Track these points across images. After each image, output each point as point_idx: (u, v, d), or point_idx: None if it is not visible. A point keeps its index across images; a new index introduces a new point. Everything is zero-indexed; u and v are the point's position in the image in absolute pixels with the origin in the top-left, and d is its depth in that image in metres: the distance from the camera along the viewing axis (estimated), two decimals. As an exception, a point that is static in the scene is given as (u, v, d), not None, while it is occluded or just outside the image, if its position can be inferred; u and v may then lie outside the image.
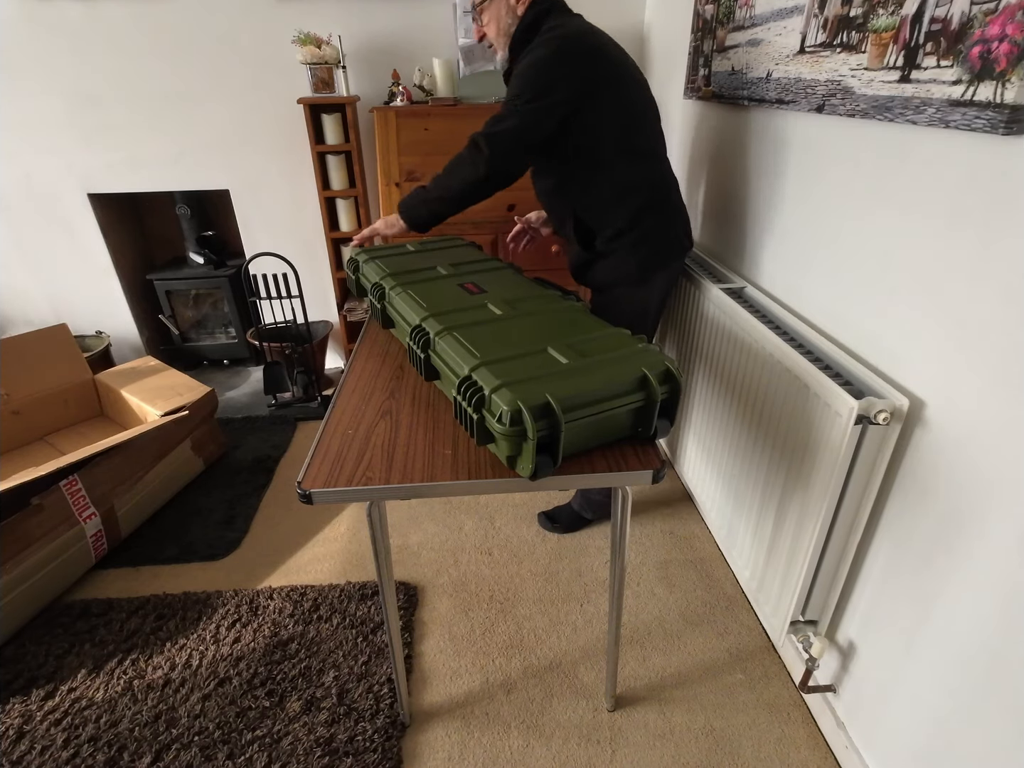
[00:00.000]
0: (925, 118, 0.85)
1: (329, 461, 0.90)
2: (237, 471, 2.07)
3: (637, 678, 1.36)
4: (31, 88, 2.21)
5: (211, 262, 2.65)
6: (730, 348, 1.40)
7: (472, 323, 1.04)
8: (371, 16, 2.18)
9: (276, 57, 2.20)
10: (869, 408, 0.92)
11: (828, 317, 1.18)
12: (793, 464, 1.15)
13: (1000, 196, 0.77)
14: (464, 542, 1.75)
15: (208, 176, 2.42)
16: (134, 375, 2.08)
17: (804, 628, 1.20)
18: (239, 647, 1.43)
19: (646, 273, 1.42)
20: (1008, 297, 0.76)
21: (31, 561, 1.45)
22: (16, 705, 1.31)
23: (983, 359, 0.81)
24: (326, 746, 1.21)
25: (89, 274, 2.57)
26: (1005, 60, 0.71)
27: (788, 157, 1.28)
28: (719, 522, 1.60)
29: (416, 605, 1.55)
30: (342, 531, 1.80)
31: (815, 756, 1.20)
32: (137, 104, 2.27)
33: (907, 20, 0.88)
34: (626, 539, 1.04)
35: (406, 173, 2.15)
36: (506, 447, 0.84)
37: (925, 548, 0.93)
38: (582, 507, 1.76)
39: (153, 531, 1.80)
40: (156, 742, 1.23)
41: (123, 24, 2.13)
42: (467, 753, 1.22)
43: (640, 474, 0.88)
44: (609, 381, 0.85)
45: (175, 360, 2.79)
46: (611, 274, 1.42)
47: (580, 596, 1.57)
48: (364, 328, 1.39)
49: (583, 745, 1.23)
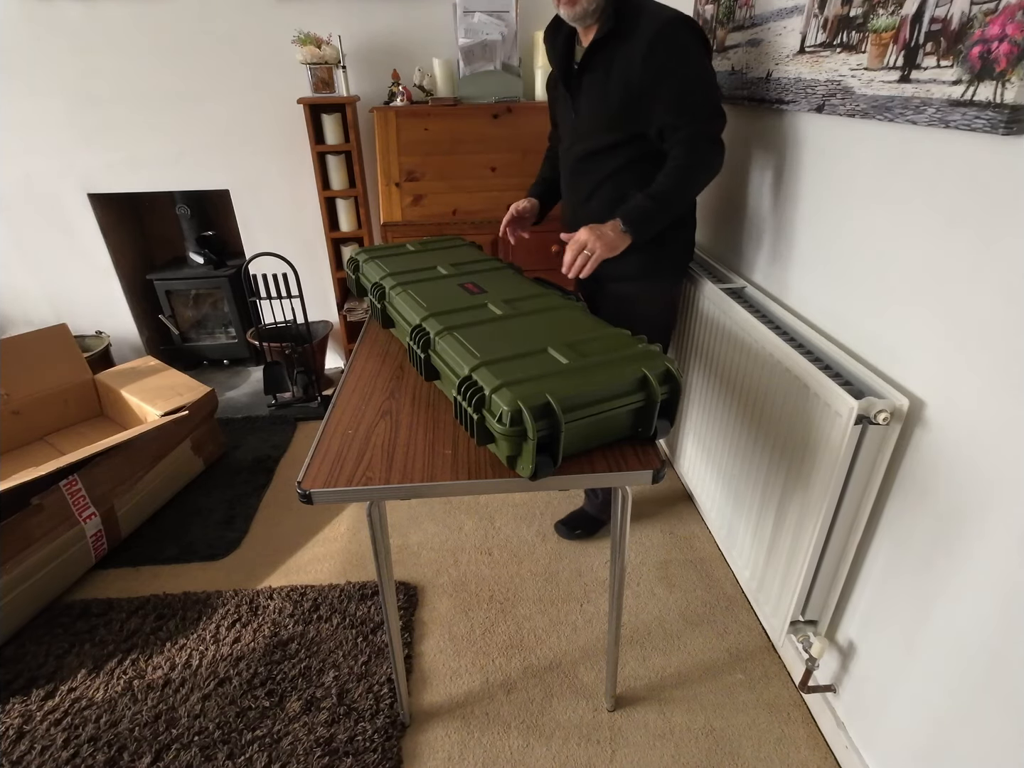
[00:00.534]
0: (925, 118, 0.85)
1: (329, 461, 0.90)
2: (237, 471, 2.07)
3: (637, 678, 1.36)
4: (31, 88, 2.21)
5: (211, 262, 2.65)
6: (730, 348, 1.40)
7: (472, 323, 1.04)
8: (371, 16, 2.18)
9: (276, 57, 2.20)
10: (869, 408, 0.92)
11: (828, 317, 1.18)
12: (793, 464, 1.15)
13: (1000, 196, 0.77)
14: (464, 542, 1.75)
15: (208, 176, 2.42)
16: (134, 375, 2.08)
17: (804, 628, 1.19)
18: (239, 647, 1.43)
19: (679, 269, 1.46)
20: (1008, 297, 0.76)
21: (31, 561, 1.45)
22: (16, 705, 1.31)
23: (983, 359, 0.81)
24: (326, 746, 1.21)
25: (89, 274, 2.57)
26: (1005, 60, 0.71)
27: (787, 157, 1.28)
28: (719, 522, 1.60)
29: (416, 605, 1.55)
30: (342, 531, 1.80)
31: (815, 756, 1.20)
32: (137, 104, 2.27)
33: (907, 20, 0.88)
34: (626, 539, 1.04)
35: (406, 173, 2.15)
36: (506, 447, 0.84)
37: (925, 548, 0.93)
38: (599, 510, 1.74)
39: (153, 531, 1.80)
40: (156, 742, 1.23)
41: (123, 24, 2.13)
42: (467, 753, 1.22)
43: (640, 474, 0.88)
44: (609, 381, 0.85)
45: (175, 360, 2.79)
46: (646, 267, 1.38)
47: (580, 596, 1.57)
48: (364, 328, 1.39)
49: (583, 745, 1.23)
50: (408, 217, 2.19)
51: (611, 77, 1.23)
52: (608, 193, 1.35)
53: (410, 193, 2.17)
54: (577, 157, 1.37)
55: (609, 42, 1.21)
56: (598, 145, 1.32)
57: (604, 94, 1.26)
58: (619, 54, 1.21)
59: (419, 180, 2.16)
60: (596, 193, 1.37)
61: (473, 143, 2.15)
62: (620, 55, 1.21)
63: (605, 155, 1.32)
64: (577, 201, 1.42)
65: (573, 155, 1.38)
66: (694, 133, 1.20)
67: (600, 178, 1.35)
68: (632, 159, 1.30)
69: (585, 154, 1.35)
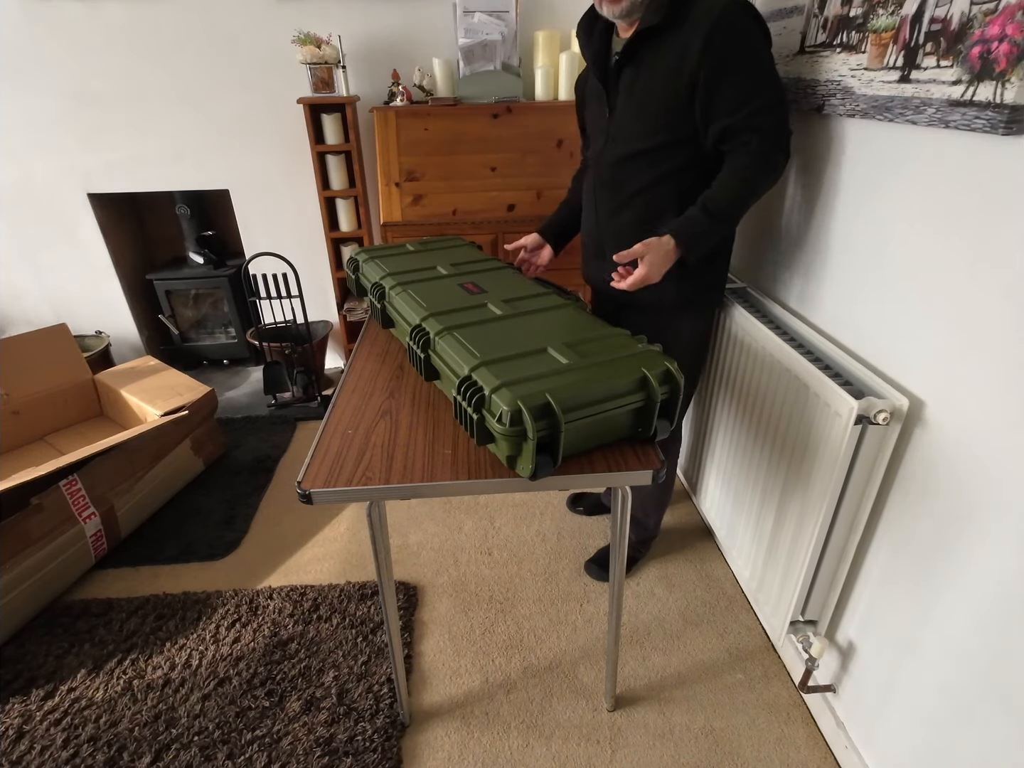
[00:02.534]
0: (925, 118, 0.85)
1: (329, 461, 0.90)
2: (237, 471, 2.07)
3: (637, 678, 1.36)
4: (31, 88, 2.21)
5: (211, 262, 2.65)
6: (729, 348, 1.40)
7: (472, 323, 1.04)
8: (371, 16, 2.18)
9: (276, 57, 2.20)
10: (869, 408, 0.92)
11: (827, 317, 1.17)
12: (793, 464, 1.15)
13: (1000, 196, 0.77)
14: (464, 542, 1.75)
15: (208, 176, 2.42)
16: (134, 375, 2.08)
17: (804, 628, 1.20)
18: (239, 647, 1.43)
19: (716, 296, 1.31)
20: (1008, 297, 0.76)
21: (31, 561, 1.45)
22: (16, 705, 1.31)
23: (983, 359, 0.81)
24: (326, 746, 1.21)
25: (89, 274, 2.57)
26: (1005, 60, 0.71)
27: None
28: (719, 522, 1.60)
29: (416, 605, 1.55)
30: (342, 531, 1.80)
31: (815, 756, 1.20)
32: (137, 104, 2.27)
33: (907, 20, 0.88)
34: (626, 539, 1.04)
35: (406, 173, 2.15)
36: (506, 447, 0.84)
37: (925, 548, 0.93)
38: (633, 548, 1.64)
39: (153, 531, 1.80)
40: (156, 742, 1.23)
41: (123, 24, 2.13)
42: (467, 753, 1.22)
43: (640, 474, 0.88)
44: (609, 381, 0.85)
45: (175, 360, 2.79)
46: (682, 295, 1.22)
47: (580, 596, 1.57)
48: (364, 328, 1.39)
49: (583, 745, 1.23)
50: (408, 217, 2.19)
51: (657, 72, 1.08)
52: (642, 207, 1.19)
53: (410, 193, 2.17)
54: (610, 162, 1.21)
55: (657, 31, 1.06)
56: (636, 149, 1.15)
57: (649, 91, 1.11)
58: (668, 44, 1.06)
59: (419, 180, 2.16)
60: (629, 204, 1.21)
61: (473, 143, 2.15)
62: (670, 45, 1.06)
63: (644, 161, 1.16)
64: (605, 212, 1.26)
65: (606, 160, 1.22)
66: (763, 138, 1.05)
67: (636, 189, 1.19)
68: (677, 168, 1.14)
69: (620, 159, 1.18)
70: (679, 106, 1.08)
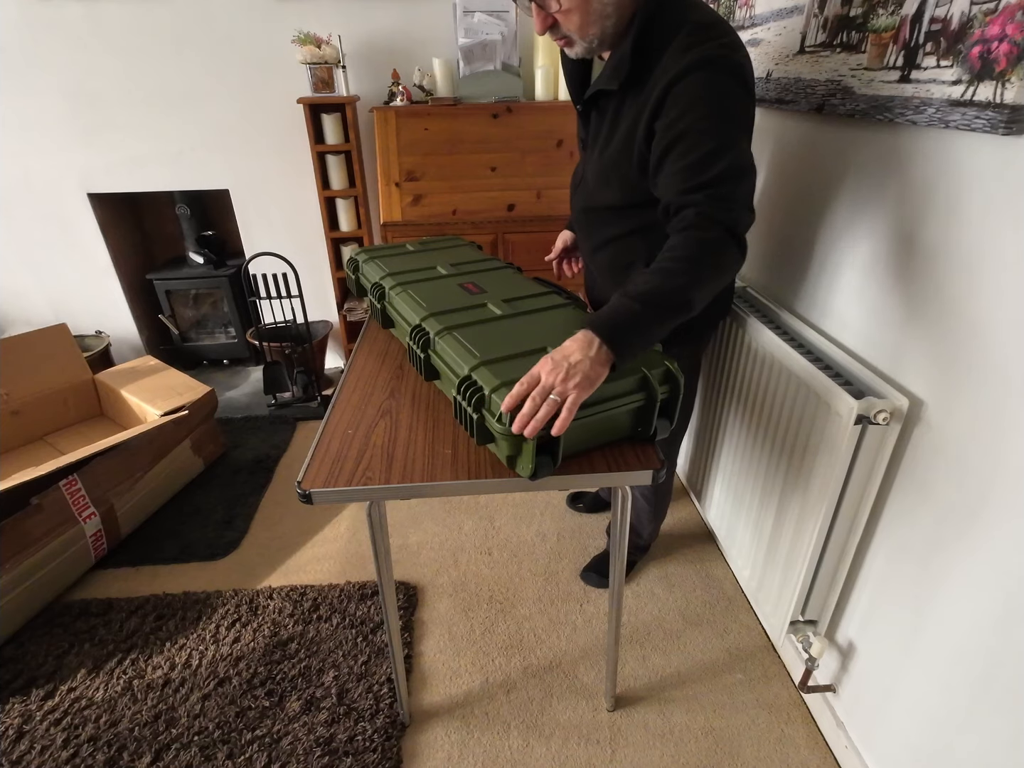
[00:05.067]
0: (925, 118, 0.85)
1: (329, 461, 0.90)
2: (237, 471, 2.07)
3: (637, 678, 1.36)
4: (31, 88, 2.20)
5: (211, 262, 2.65)
6: (729, 348, 1.40)
7: (472, 323, 1.04)
8: (371, 16, 2.18)
9: (276, 57, 2.20)
10: (869, 408, 0.92)
11: (827, 317, 1.18)
12: (793, 464, 1.15)
13: (999, 196, 0.77)
14: (464, 542, 1.75)
15: (208, 176, 2.42)
16: (134, 375, 2.08)
17: (804, 628, 1.20)
18: (239, 647, 1.43)
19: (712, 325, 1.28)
20: (1008, 296, 0.76)
21: (31, 561, 1.45)
22: (16, 705, 1.31)
23: (983, 359, 0.81)
24: (326, 746, 1.21)
25: (89, 274, 2.57)
26: (1005, 60, 0.71)
27: (787, 157, 1.28)
28: (719, 521, 1.60)
29: (416, 605, 1.55)
30: (342, 531, 1.80)
31: (815, 756, 1.20)
32: (137, 104, 2.27)
33: (907, 20, 0.88)
34: (626, 539, 1.04)
35: (406, 173, 2.15)
36: (506, 447, 0.84)
37: (924, 548, 0.93)
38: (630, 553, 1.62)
39: (153, 531, 1.80)
40: (156, 742, 1.23)
41: (123, 24, 2.13)
42: (467, 753, 1.22)
43: (640, 474, 0.88)
44: (609, 381, 0.85)
45: (175, 360, 2.79)
46: None
47: (580, 596, 1.57)
48: (364, 328, 1.39)
49: (583, 745, 1.23)
50: (408, 217, 2.19)
51: (619, 127, 0.96)
52: (612, 253, 1.12)
53: (410, 193, 2.17)
54: (580, 207, 1.14)
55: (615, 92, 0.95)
56: (603, 204, 1.07)
57: (610, 156, 1.00)
58: (630, 100, 0.93)
59: (419, 180, 2.16)
60: (601, 248, 1.14)
61: (473, 143, 2.15)
62: (631, 102, 0.93)
63: (611, 215, 1.07)
64: (586, 249, 1.21)
65: (576, 203, 1.15)
66: (707, 217, 0.83)
67: (603, 239, 1.11)
68: (644, 225, 1.03)
69: (588, 209, 1.12)
70: (637, 176, 0.97)
